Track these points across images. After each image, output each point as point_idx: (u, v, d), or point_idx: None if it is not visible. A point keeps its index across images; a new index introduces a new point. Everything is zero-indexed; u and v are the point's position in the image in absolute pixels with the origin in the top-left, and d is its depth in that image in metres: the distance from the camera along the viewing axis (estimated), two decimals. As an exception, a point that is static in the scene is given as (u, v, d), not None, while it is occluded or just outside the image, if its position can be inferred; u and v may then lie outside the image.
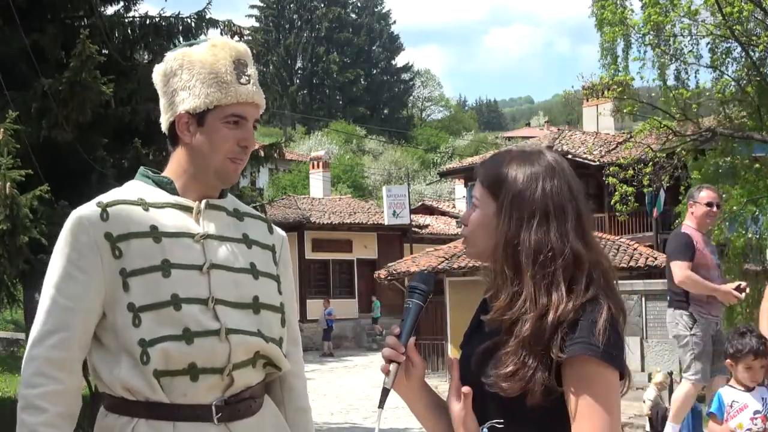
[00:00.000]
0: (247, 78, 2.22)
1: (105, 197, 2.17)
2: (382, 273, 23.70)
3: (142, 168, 2.32)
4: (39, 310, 2.11)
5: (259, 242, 2.30)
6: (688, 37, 14.85)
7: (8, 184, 8.67)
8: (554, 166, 1.90)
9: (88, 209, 2.13)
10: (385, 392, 1.84)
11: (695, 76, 14.51)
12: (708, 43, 14.87)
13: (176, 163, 2.25)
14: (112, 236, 2.09)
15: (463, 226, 1.97)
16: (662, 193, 19.63)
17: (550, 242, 1.81)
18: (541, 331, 1.77)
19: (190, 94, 2.18)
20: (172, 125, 2.23)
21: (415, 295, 1.91)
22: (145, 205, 2.16)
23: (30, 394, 2.04)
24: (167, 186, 2.22)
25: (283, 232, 2.42)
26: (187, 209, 2.20)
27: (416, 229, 33.22)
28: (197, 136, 2.19)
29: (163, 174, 2.27)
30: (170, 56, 2.25)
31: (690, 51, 14.92)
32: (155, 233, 2.12)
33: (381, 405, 1.85)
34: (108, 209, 2.12)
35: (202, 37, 12.96)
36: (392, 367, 1.85)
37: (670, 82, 15.00)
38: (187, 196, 2.22)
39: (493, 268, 1.90)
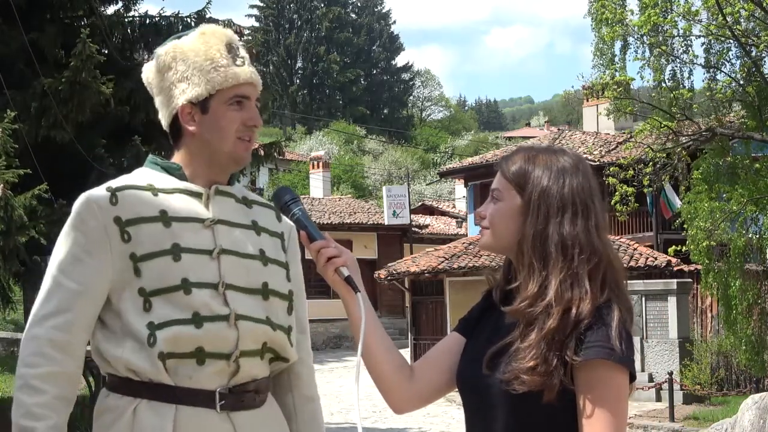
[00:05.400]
0: (242, 60, 2.21)
1: (114, 182, 2.16)
2: (382, 273, 23.66)
3: (151, 155, 2.31)
4: (42, 291, 2.09)
5: (268, 229, 2.29)
6: (688, 38, 14.82)
7: (1, 185, 8.62)
8: (578, 164, 1.94)
9: (98, 193, 2.12)
10: (348, 279, 1.98)
11: (689, 77, 14.50)
12: (703, 43, 14.85)
13: (184, 154, 2.23)
14: (122, 220, 2.09)
15: (479, 219, 1.97)
16: (668, 190, 19.52)
17: (578, 237, 1.85)
18: (564, 326, 1.79)
19: (189, 84, 2.17)
20: (174, 119, 2.21)
21: (292, 206, 2.08)
22: (155, 191, 2.15)
23: (28, 374, 2.02)
24: (176, 172, 2.22)
25: (291, 222, 2.38)
26: (196, 195, 2.20)
27: (416, 229, 33.23)
28: (203, 124, 2.18)
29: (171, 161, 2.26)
30: (161, 51, 2.23)
31: (684, 51, 14.91)
32: (165, 218, 2.12)
33: (357, 290, 1.99)
34: (117, 193, 2.11)
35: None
36: (339, 260, 1.98)
37: (669, 82, 14.98)
38: (196, 183, 2.21)
39: (517, 260, 1.91)
